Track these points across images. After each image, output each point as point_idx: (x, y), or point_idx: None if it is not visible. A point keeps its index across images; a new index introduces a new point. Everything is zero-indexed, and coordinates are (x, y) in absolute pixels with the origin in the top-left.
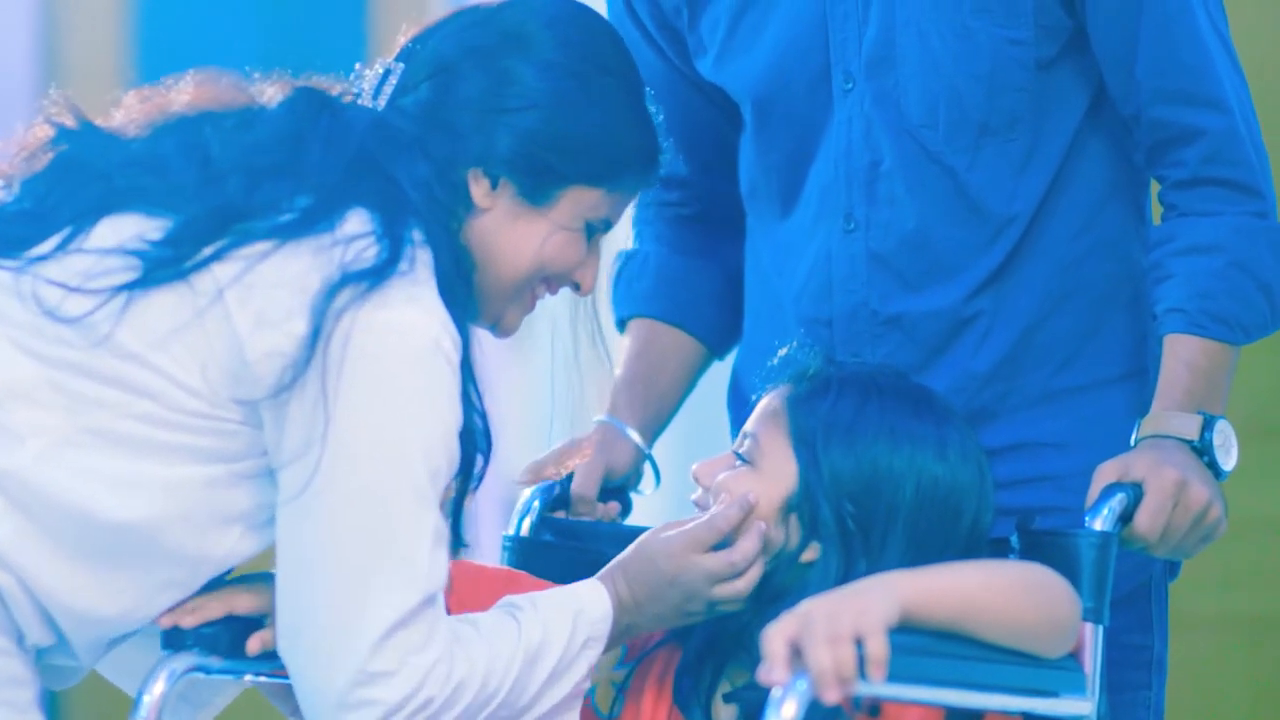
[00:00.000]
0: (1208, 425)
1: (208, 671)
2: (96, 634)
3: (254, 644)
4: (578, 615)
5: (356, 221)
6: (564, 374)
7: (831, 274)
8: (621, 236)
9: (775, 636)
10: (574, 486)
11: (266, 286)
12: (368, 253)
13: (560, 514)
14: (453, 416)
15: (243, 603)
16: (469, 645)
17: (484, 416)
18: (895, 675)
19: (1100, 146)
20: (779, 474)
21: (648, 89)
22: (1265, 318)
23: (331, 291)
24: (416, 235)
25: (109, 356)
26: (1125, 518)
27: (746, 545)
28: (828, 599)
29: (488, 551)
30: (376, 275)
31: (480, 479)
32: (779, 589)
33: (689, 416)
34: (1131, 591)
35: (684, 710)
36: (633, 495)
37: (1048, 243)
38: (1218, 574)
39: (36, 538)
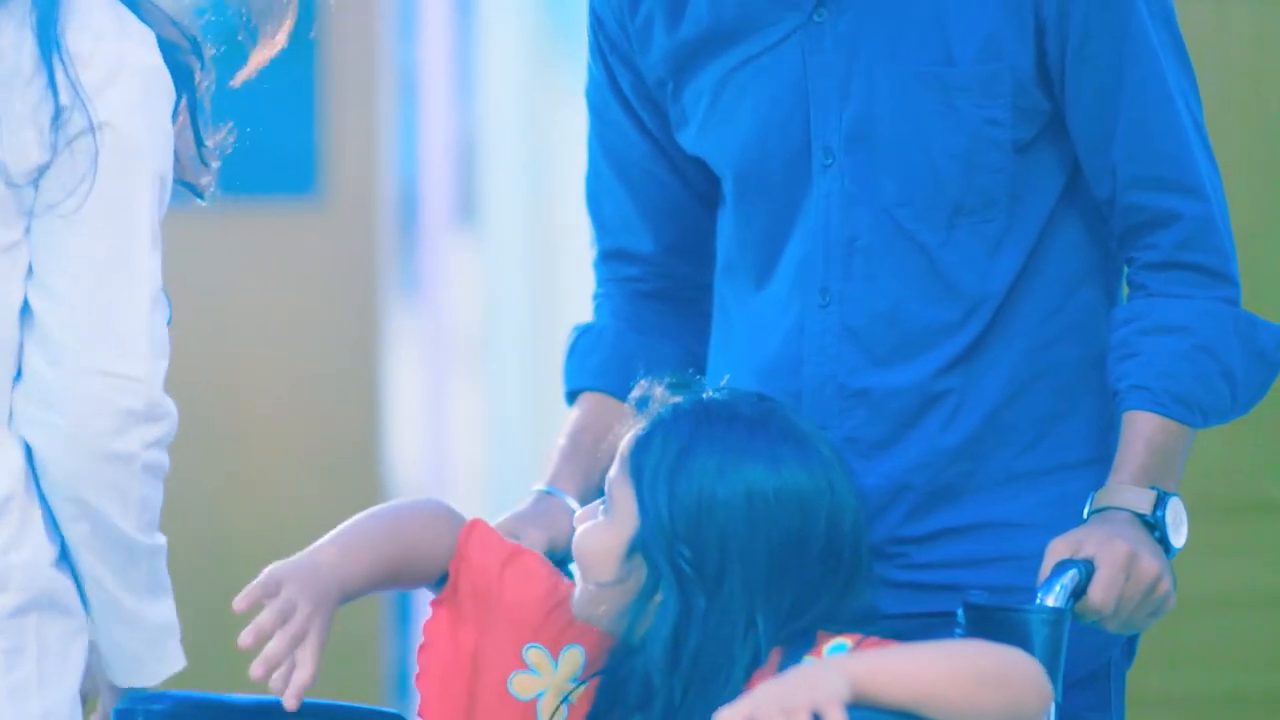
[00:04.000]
0: (1161, 501)
1: None
2: None
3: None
4: None
5: None
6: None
7: (802, 347)
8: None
9: (729, 717)
10: None
11: None
12: None
13: None
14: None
15: None
16: None
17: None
18: None
19: (1075, 229)
20: (625, 518)
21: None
22: (1226, 403)
23: None
24: None
25: None
26: (1077, 594)
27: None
28: (778, 681)
29: None
30: None
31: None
32: (637, 634)
33: None
34: (1093, 671)
35: None
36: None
37: (1020, 323)
38: (1166, 652)
39: None
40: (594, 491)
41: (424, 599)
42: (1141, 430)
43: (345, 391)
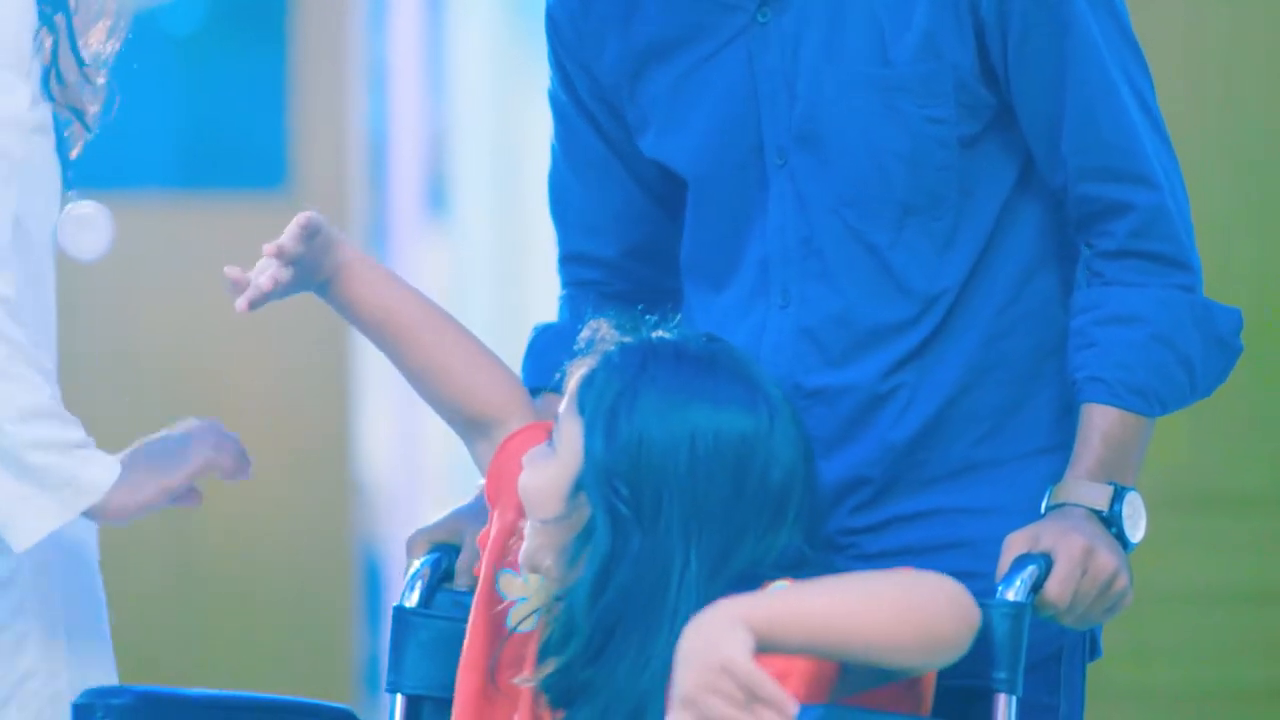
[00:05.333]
0: (1118, 496)
1: None
2: None
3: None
4: None
5: None
6: None
7: (762, 348)
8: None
9: None
10: (461, 558)
11: None
12: None
13: (447, 585)
14: None
15: None
16: None
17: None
18: None
19: (1032, 216)
20: (570, 455)
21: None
22: (1184, 392)
23: None
24: None
25: None
26: (1036, 588)
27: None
28: (683, 657)
29: None
30: None
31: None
32: (576, 574)
33: None
34: (1045, 655)
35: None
36: None
37: (973, 317)
38: (1133, 646)
39: None
40: None
41: (394, 594)
42: (1098, 423)
43: (315, 385)
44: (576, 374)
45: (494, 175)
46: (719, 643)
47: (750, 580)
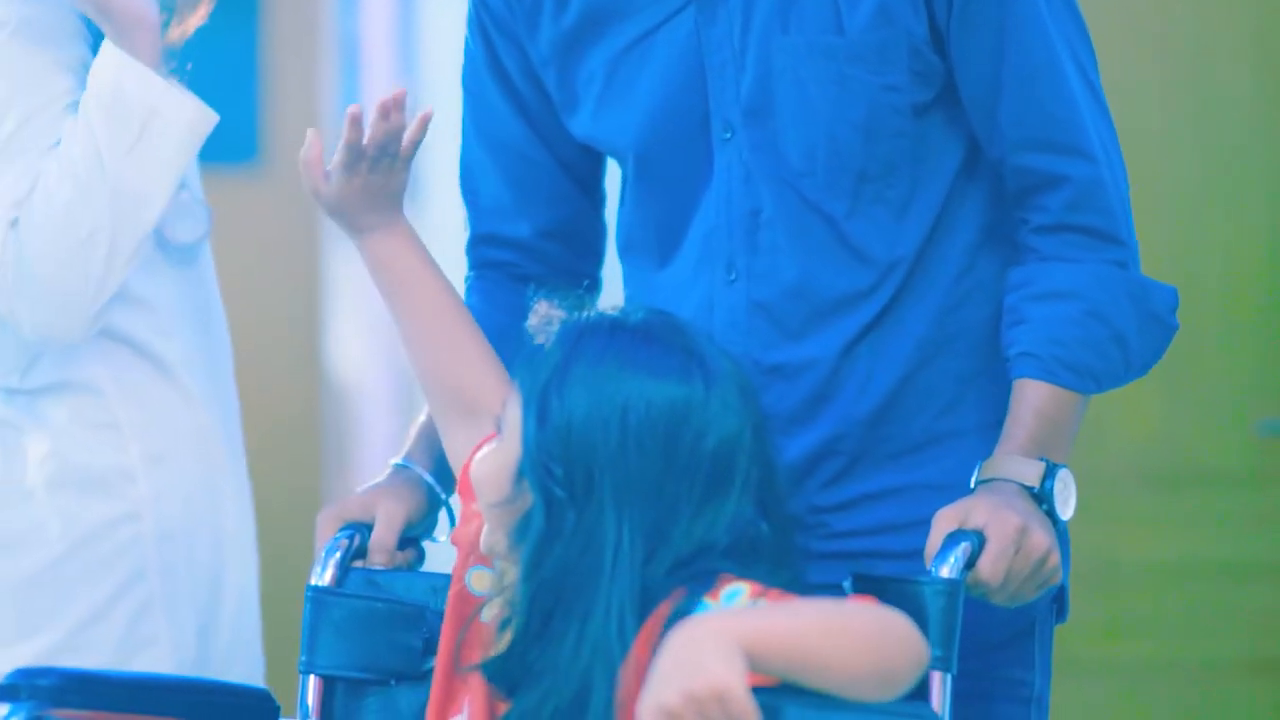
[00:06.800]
0: (1049, 473)
1: None
2: None
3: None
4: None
5: None
6: None
7: (713, 324)
8: None
9: None
10: (375, 535)
11: None
12: None
13: (358, 563)
14: None
15: None
16: None
17: None
18: None
19: (980, 189)
20: (514, 439)
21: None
22: (1119, 368)
23: None
24: None
25: None
26: (968, 565)
27: None
28: (674, 667)
29: None
30: None
31: None
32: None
33: None
34: (1018, 631)
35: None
36: (426, 543)
37: (930, 286)
38: (1104, 621)
39: None
40: (449, 468)
41: None
42: (1030, 399)
43: (288, 359)
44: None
45: None
46: (713, 664)
47: (701, 572)
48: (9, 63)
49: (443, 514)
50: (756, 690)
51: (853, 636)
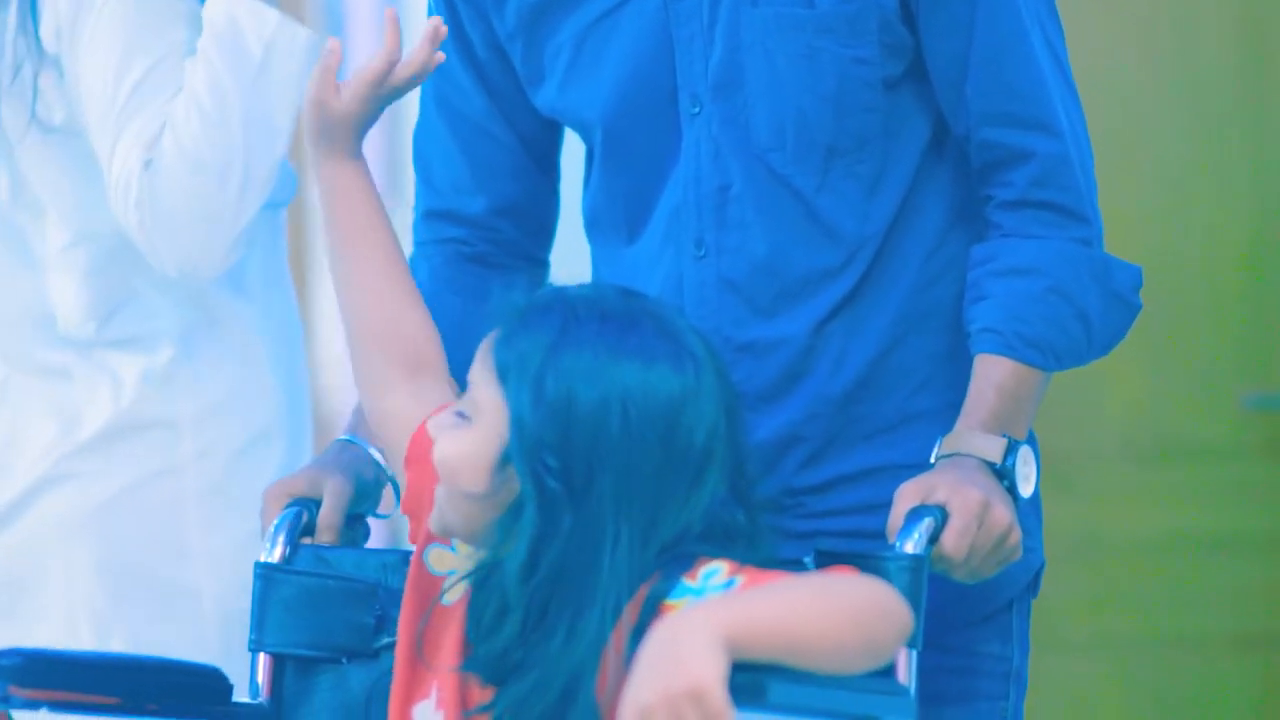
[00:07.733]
0: (1011, 449)
1: (7, 706)
2: None
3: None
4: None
5: None
6: None
7: (683, 300)
8: None
9: None
10: (323, 513)
11: None
12: None
13: (306, 540)
14: None
15: None
16: None
17: None
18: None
19: (949, 168)
20: (493, 422)
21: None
22: (1081, 346)
23: None
24: None
25: None
26: (931, 540)
27: None
28: (649, 665)
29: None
30: None
31: None
32: (507, 548)
33: None
34: (996, 607)
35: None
36: (371, 520)
37: (901, 263)
38: (1089, 596)
39: None
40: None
41: None
42: (992, 375)
43: None
44: (490, 335)
45: None
46: (693, 661)
47: (680, 555)
48: (131, 13)
49: (388, 490)
50: (739, 665)
51: (839, 614)
